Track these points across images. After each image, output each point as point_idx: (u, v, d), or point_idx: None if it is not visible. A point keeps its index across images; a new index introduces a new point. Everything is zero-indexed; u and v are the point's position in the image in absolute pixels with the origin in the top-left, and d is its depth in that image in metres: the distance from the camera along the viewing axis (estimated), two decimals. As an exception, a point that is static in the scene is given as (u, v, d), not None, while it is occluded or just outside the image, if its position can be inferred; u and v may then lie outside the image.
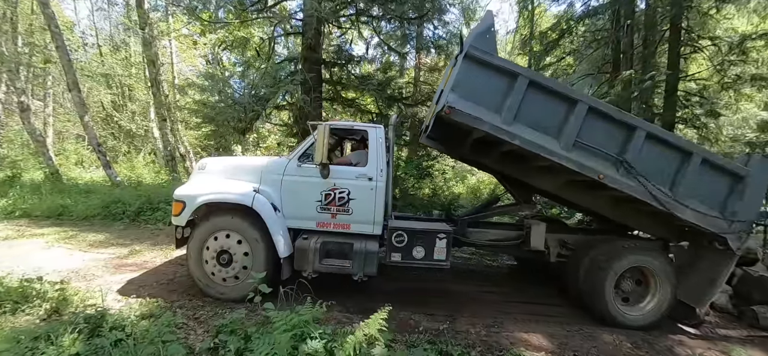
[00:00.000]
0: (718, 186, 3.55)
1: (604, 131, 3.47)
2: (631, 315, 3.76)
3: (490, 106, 3.40)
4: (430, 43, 10.25)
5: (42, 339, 2.31)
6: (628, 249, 3.84)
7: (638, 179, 3.44)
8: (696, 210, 3.49)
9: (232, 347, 2.36)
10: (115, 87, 17.52)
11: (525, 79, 3.36)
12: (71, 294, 3.19)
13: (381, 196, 3.81)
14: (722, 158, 3.78)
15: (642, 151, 3.45)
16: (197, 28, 10.97)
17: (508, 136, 3.39)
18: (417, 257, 3.74)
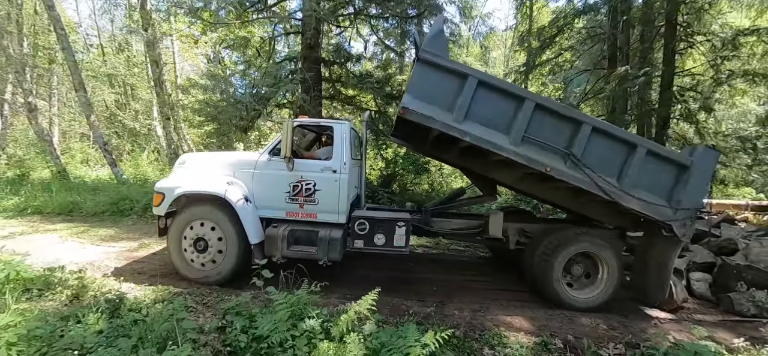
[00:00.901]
0: (665, 176, 3.75)
1: (552, 126, 3.69)
2: (579, 298, 4.06)
3: (443, 106, 3.66)
4: (429, 40, 10.45)
5: (70, 318, 2.58)
6: (577, 236, 4.13)
7: (584, 171, 3.65)
8: (641, 200, 3.70)
9: (238, 325, 2.62)
10: (118, 86, 17.81)
11: (474, 79, 3.60)
12: (89, 282, 3.46)
13: (344, 188, 4.11)
14: (667, 149, 4.01)
15: (589, 145, 3.66)
16: (199, 27, 11.17)
17: (459, 133, 3.65)
18: (378, 244, 4.04)
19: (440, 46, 3.65)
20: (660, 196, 3.75)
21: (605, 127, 3.81)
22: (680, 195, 3.71)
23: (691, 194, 3.70)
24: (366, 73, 9.97)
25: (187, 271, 4.05)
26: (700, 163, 3.70)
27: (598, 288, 4.08)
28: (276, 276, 3.06)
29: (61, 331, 2.45)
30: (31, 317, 2.63)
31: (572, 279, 4.18)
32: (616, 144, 3.73)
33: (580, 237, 4.12)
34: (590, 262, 4.16)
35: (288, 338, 2.33)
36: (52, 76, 16.13)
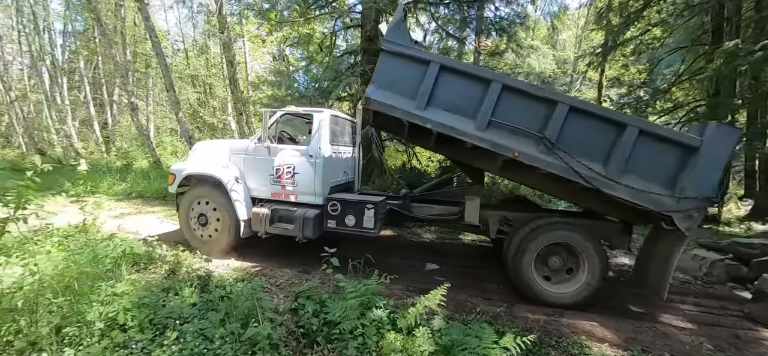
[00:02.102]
0: (665, 160, 3.21)
1: (523, 108, 3.44)
2: (552, 293, 3.72)
3: (406, 94, 3.63)
4: (491, 25, 9.89)
5: (169, 291, 2.93)
6: (551, 225, 3.78)
7: (559, 155, 3.31)
8: (630, 187, 3.21)
9: (310, 309, 2.74)
10: (199, 86, 19.91)
11: (436, 64, 3.53)
12: (182, 259, 3.90)
13: (320, 172, 4.35)
14: (667, 129, 3.50)
15: (567, 126, 3.32)
16: (266, 27, 11.91)
17: (420, 120, 3.59)
18: (349, 224, 4.20)
19: (402, 35, 3.65)
20: (659, 184, 3.21)
21: (585, 106, 3.48)
22: (685, 182, 3.13)
23: (700, 181, 3.09)
24: (424, 63, 9.81)
25: (194, 242, 4.63)
26: (713, 145, 3.06)
27: (577, 284, 3.68)
28: (344, 265, 3.13)
29: (163, 301, 2.79)
30: (139, 287, 3.03)
31: (550, 272, 3.82)
32: (600, 124, 3.31)
33: (555, 227, 3.75)
34: (572, 256, 3.76)
35: (358, 326, 2.37)
36: (148, 78, 18.56)
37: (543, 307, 3.59)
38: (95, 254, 3.02)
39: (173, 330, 2.29)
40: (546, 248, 3.77)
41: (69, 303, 2.45)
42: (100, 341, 2.21)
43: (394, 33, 3.69)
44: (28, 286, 2.39)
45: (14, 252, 2.78)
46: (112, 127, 17.78)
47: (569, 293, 3.68)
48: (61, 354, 2.13)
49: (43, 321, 2.27)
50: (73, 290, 2.58)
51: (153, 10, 12.78)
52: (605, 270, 3.69)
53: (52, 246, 3.13)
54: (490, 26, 9.90)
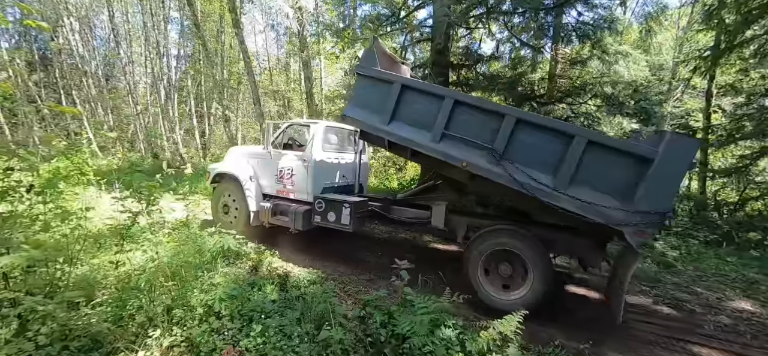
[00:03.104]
0: (619, 171, 3.07)
1: (475, 121, 3.59)
2: (495, 297, 3.77)
3: (375, 110, 4.05)
4: (571, 32, 9.15)
5: (254, 286, 3.23)
6: (497, 231, 3.86)
7: (503, 166, 3.37)
8: (576, 199, 3.10)
9: (378, 319, 2.78)
10: (280, 99, 21.95)
11: (398, 84, 3.89)
12: (264, 258, 4.27)
13: (312, 174, 5.03)
14: (618, 139, 3.39)
15: (515, 138, 3.39)
16: (340, 44, 12.67)
17: (385, 133, 4.01)
18: (330, 220, 4.76)
19: (372, 62, 4.11)
20: (612, 196, 3.06)
21: (531, 117, 3.59)
22: (639, 195, 2.94)
23: (654, 194, 2.90)
24: (496, 74, 9.45)
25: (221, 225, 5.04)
26: (670, 156, 2.84)
27: (522, 291, 3.69)
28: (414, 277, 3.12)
29: (248, 295, 3.08)
30: (229, 279, 3.40)
31: (508, 279, 3.84)
32: (548, 135, 3.31)
33: (500, 234, 3.84)
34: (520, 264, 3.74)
35: (428, 343, 2.33)
36: (238, 93, 21.04)
37: (637, 350, 3.13)
38: (200, 247, 3.48)
39: (258, 323, 2.51)
40: (494, 254, 3.83)
41: (177, 288, 2.85)
42: (200, 324, 2.52)
43: (366, 60, 4.21)
44: (149, 270, 2.84)
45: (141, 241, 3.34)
46: (208, 135, 20.51)
47: (513, 299, 3.66)
48: (171, 331, 2.48)
49: (158, 301, 2.67)
50: (180, 277, 3.00)
51: (246, 34, 14.55)
52: (550, 278, 3.64)
53: (164, 237, 3.70)
54: (570, 32, 9.18)
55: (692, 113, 13.47)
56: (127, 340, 2.42)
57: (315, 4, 13.43)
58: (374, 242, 6.18)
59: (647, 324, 3.77)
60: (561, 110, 9.21)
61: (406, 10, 9.94)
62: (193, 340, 2.39)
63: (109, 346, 2.35)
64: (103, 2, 15.74)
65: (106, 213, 5.14)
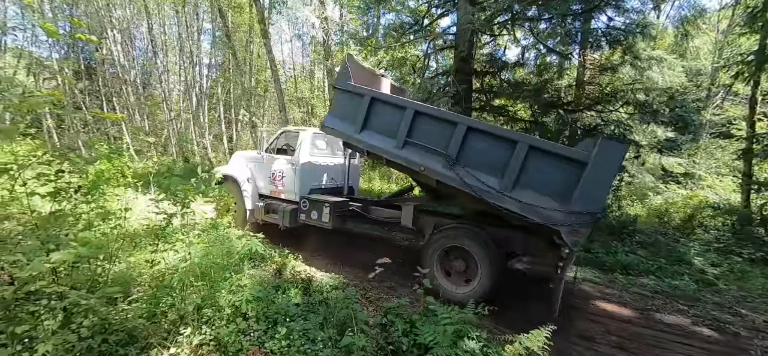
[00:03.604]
0: (558, 175, 3.25)
1: (433, 130, 3.88)
2: (449, 290, 4.06)
3: (349, 121, 4.46)
4: (600, 38, 8.85)
5: (278, 289, 3.31)
6: (450, 230, 4.21)
7: (455, 170, 3.63)
8: (518, 200, 3.34)
9: (400, 327, 2.77)
10: (304, 106, 22.47)
11: (368, 97, 4.28)
12: (287, 262, 4.36)
13: (299, 176, 5.50)
14: (556, 145, 3.57)
15: (467, 145, 3.66)
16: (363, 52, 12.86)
17: (356, 141, 4.44)
18: (313, 218, 5.19)
19: (346, 76, 4.51)
20: (552, 198, 3.25)
21: (480, 125, 3.84)
22: (575, 196, 3.11)
23: (587, 196, 3.07)
24: (521, 80, 9.27)
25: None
26: (601, 159, 3.03)
27: (473, 284, 3.99)
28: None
29: (273, 298, 3.15)
30: (254, 282, 3.49)
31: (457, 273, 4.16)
32: (495, 142, 3.58)
33: (452, 233, 4.18)
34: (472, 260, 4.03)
35: (451, 355, 2.30)
36: (265, 100, 21.71)
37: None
38: (229, 249, 3.60)
39: (282, 326, 2.56)
40: (451, 251, 4.16)
41: (206, 288, 2.96)
42: (227, 324, 2.60)
43: (341, 75, 4.67)
44: (181, 270, 2.96)
45: (174, 242, 3.49)
46: (235, 140, 21.25)
47: (466, 292, 3.94)
48: (200, 330, 2.57)
49: (189, 300, 2.78)
50: (209, 277, 3.12)
51: (273, 43, 15.07)
52: (497, 274, 3.87)
53: (195, 239, 3.85)
54: (600, 38, 8.88)
55: (734, 121, 12.64)
56: (160, 336, 2.53)
57: (340, 14, 13.72)
58: (396, 249, 6.17)
59: (686, 346, 3.54)
60: (590, 118, 8.90)
61: (429, 18, 9.98)
62: (221, 340, 2.46)
63: (144, 341, 2.47)
64: (143, 15, 16.76)
65: (142, 214, 5.42)
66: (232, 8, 16.79)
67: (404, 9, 10.62)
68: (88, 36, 3.32)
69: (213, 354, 2.40)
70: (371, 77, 5.23)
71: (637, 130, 9.08)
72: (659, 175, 11.40)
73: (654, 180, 10.62)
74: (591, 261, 5.95)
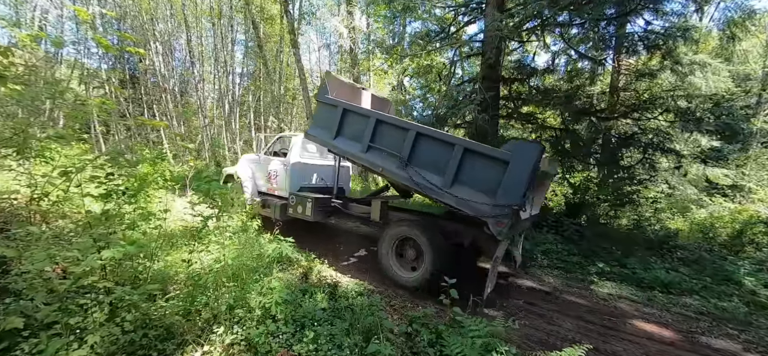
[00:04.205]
0: (487, 172, 3.68)
1: (391, 135, 4.44)
2: (400, 275, 4.55)
3: (327, 129, 5.09)
4: (637, 42, 8.45)
5: (305, 292, 3.37)
6: (400, 222, 4.72)
7: (407, 170, 4.12)
8: (455, 195, 3.76)
9: (425, 338, 2.74)
10: (329, 113, 22.94)
11: (340, 108, 4.91)
12: (314, 266, 4.44)
13: (289, 175, 6.20)
14: (484, 146, 3.94)
15: (417, 148, 4.16)
16: (388, 61, 12.98)
17: (332, 146, 5.10)
18: (299, 212, 5.72)
19: (325, 91, 5.22)
20: (483, 193, 3.69)
21: (425, 130, 4.24)
22: (500, 191, 3.56)
23: (509, 190, 3.51)
24: (550, 87, 9.01)
25: None
26: (518, 158, 3.50)
27: (418, 272, 4.41)
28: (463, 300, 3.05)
29: (300, 301, 3.22)
30: (282, 284, 3.58)
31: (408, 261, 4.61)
32: (438, 145, 4.05)
33: (401, 224, 4.65)
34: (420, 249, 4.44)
35: (479, 367, 2.25)
36: (293, 108, 22.36)
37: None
38: (260, 252, 3.72)
39: (310, 330, 2.60)
40: (404, 241, 4.62)
41: (238, 289, 3.07)
42: (257, 326, 2.68)
43: (322, 89, 5.32)
44: (215, 270, 3.09)
45: (207, 243, 3.65)
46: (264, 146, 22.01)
47: (414, 277, 4.41)
48: (232, 329, 2.67)
49: (222, 300, 2.89)
50: (241, 278, 3.23)
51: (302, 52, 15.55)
52: (439, 262, 4.23)
53: (228, 240, 4.01)
54: (636, 42, 8.48)
55: (790, 130, 11.64)
56: (195, 334, 2.64)
57: (366, 24, 13.95)
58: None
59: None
60: (625, 126, 8.50)
61: (456, 25, 9.95)
62: (251, 340, 2.54)
63: (180, 338, 2.59)
64: (182, 28, 17.80)
65: (178, 215, 5.71)
66: (265, 20, 17.50)
67: (430, 17, 10.64)
68: (136, 49, 3.59)
69: (244, 354, 2.48)
70: (352, 90, 5.93)
71: (678, 138, 8.56)
72: (703, 187, 10.65)
73: (697, 192, 9.95)
74: (627, 277, 5.63)
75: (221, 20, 16.89)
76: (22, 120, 3.75)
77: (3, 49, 2.44)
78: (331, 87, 5.35)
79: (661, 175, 8.12)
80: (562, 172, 8.84)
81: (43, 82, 6.19)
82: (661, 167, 8.15)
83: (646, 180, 7.73)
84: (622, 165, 8.10)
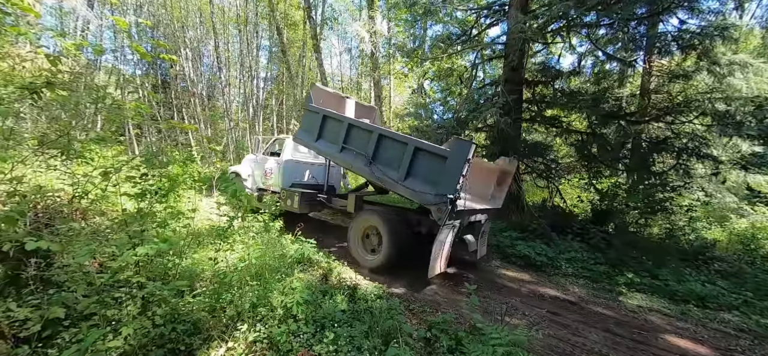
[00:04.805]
0: (434, 167, 4.23)
1: (360, 137, 5.09)
2: (366, 260, 5.07)
3: (311, 133, 5.84)
4: (670, 42, 8.05)
5: (325, 293, 3.41)
6: (364, 212, 5.34)
7: (370, 167, 4.81)
8: (408, 188, 4.39)
9: (445, 344, 2.72)
10: (350, 116, 23.22)
11: (321, 114, 5.69)
12: (334, 267, 4.49)
13: (281, 172, 7.03)
14: (430, 144, 4.49)
15: (380, 147, 4.82)
16: (409, 64, 12.98)
17: (314, 148, 5.85)
18: (288, 204, 6.24)
19: (309, 100, 6.09)
20: (429, 185, 4.22)
21: (384, 132, 4.91)
22: (440, 183, 4.06)
23: (446, 182, 4.02)
24: (576, 90, 8.73)
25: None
26: (453, 154, 4.03)
27: (376, 255, 4.96)
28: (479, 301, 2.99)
29: (320, 302, 3.27)
30: (303, 285, 3.64)
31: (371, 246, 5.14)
32: (394, 144, 4.69)
33: (366, 214, 5.20)
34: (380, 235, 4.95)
35: (500, 376, 2.20)
36: (313, 111, 22.82)
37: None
38: (283, 253, 3.81)
39: (330, 331, 2.63)
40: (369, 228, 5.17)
41: (261, 288, 3.15)
42: (279, 325, 2.74)
43: (308, 99, 6.13)
44: (239, 269, 3.19)
45: (232, 242, 3.77)
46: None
47: (373, 259, 4.98)
48: (255, 327, 2.74)
49: (245, 298, 2.98)
50: (264, 278, 3.31)
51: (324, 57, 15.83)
52: (395, 247, 4.81)
53: (251, 240, 4.12)
54: (669, 43, 8.08)
55: None
56: (220, 330, 2.73)
57: (387, 28, 14.03)
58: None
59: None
60: (657, 130, 8.11)
61: (478, 28, 9.84)
62: (273, 339, 2.60)
63: (206, 333, 2.69)
64: (210, 35, 18.53)
65: (205, 214, 5.92)
66: (288, 26, 17.95)
67: (452, 20, 10.57)
68: (169, 55, 3.77)
69: (266, 352, 2.54)
70: (337, 99, 6.81)
71: (716, 143, 8.07)
72: (743, 195, 9.98)
73: (737, 200, 9.35)
74: (658, 289, 5.36)
75: (247, 26, 17.46)
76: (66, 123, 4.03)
77: (52, 58, 2.63)
78: (316, 96, 6.22)
79: (696, 182, 7.69)
80: (588, 177, 8.54)
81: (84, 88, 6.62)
82: (696, 173, 7.72)
83: (680, 187, 7.33)
84: (654, 171, 7.73)
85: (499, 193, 5.70)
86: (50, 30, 10.77)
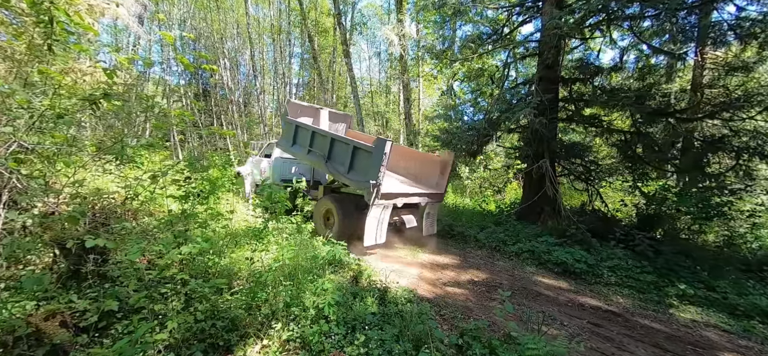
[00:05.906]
0: (365, 161, 5.38)
1: (320, 141, 6.37)
2: (327, 233, 5.97)
3: (288, 140, 7.16)
4: (726, 32, 7.36)
5: (356, 295, 3.44)
6: (324, 197, 6.63)
7: (327, 165, 6.09)
8: (351, 178, 5.57)
9: (477, 351, 2.64)
10: (379, 120, 23.31)
11: (293, 124, 7.08)
12: (364, 268, 4.52)
13: (272, 168, 8.43)
14: (362, 143, 5.56)
15: (334, 149, 6.08)
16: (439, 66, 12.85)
17: (290, 152, 7.21)
18: None
19: (287, 113, 7.65)
20: (362, 174, 5.40)
21: (334, 136, 6.18)
22: (369, 173, 5.23)
23: (372, 172, 5.18)
24: (618, 87, 8.21)
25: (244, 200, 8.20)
26: (375, 150, 5.17)
27: (332, 228, 6.16)
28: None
29: (351, 304, 3.29)
30: (334, 286, 3.69)
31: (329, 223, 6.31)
32: (342, 145, 5.92)
33: (323, 200, 6.51)
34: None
35: (537, 388, 2.10)
36: (343, 115, 23.22)
37: None
38: (314, 254, 3.89)
39: (361, 333, 2.65)
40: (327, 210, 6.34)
41: (294, 288, 3.23)
42: (312, 325, 2.79)
43: (285, 112, 7.64)
44: (274, 269, 3.29)
45: (267, 243, 3.91)
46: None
47: (332, 233, 5.93)
48: (288, 326, 2.81)
49: (280, 297, 3.06)
50: (297, 278, 3.40)
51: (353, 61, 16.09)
52: (344, 222, 6.05)
53: (284, 241, 4.25)
54: (725, 32, 7.38)
55: None
56: (255, 328, 2.83)
57: (416, 30, 13.99)
58: (476, 269, 5.93)
59: None
60: (712, 128, 7.44)
61: (509, 26, 9.57)
62: (306, 339, 2.65)
63: (243, 330, 2.79)
64: (247, 45, 19.45)
65: (242, 216, 6.19)
66: (319, 33, 18.44)
67: (482, 19, 10.35)
68: (211, 66, 4.00)
69: (299, 351, 2.59)
70: (313, 111, 8.37)
71: (783, 141, 7.26)
72: (819, 200, 8.88)
73: (810, 205, 8.33)
74: (716, 303, 4.89)
75: (280, 35, 18.13)
76: (119, 130, 4.39)
77: (109, 72, 2.88)
78: (293, 110, 7.81)
79: (760, 185, 6.96)
80: (632, 179, 7.99)
81: (136, 98, 7.21)
82: (759, 175, 6.99)
83: (740, 190, 6.67)
84: (709, 172, 7.10)
85: (442, 181, 6.75)
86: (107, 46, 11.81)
